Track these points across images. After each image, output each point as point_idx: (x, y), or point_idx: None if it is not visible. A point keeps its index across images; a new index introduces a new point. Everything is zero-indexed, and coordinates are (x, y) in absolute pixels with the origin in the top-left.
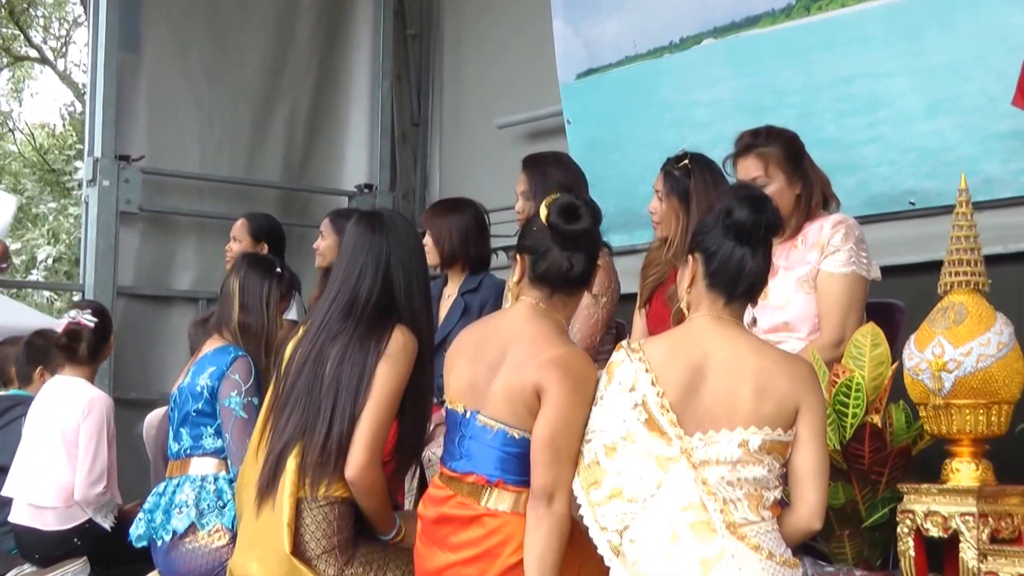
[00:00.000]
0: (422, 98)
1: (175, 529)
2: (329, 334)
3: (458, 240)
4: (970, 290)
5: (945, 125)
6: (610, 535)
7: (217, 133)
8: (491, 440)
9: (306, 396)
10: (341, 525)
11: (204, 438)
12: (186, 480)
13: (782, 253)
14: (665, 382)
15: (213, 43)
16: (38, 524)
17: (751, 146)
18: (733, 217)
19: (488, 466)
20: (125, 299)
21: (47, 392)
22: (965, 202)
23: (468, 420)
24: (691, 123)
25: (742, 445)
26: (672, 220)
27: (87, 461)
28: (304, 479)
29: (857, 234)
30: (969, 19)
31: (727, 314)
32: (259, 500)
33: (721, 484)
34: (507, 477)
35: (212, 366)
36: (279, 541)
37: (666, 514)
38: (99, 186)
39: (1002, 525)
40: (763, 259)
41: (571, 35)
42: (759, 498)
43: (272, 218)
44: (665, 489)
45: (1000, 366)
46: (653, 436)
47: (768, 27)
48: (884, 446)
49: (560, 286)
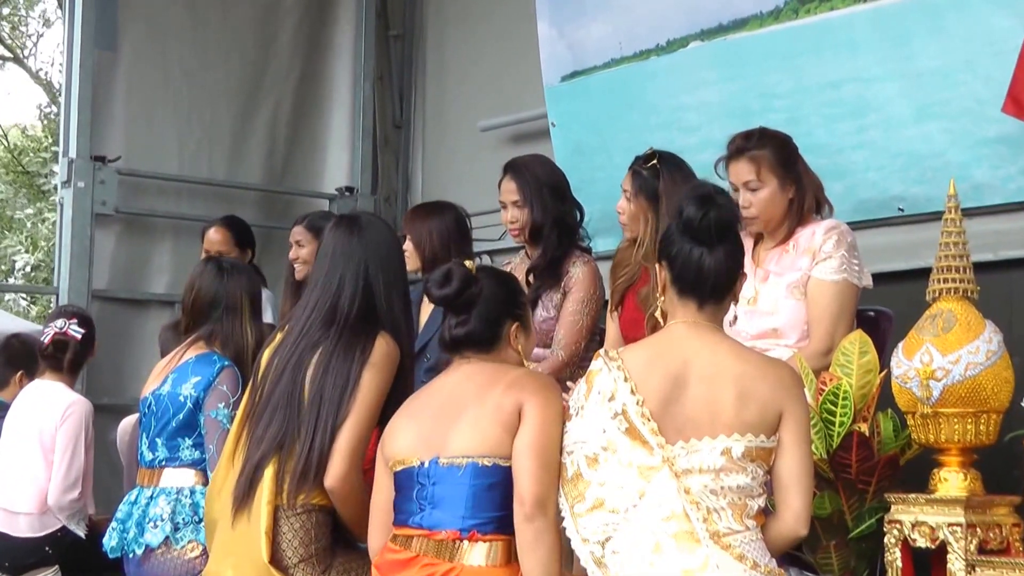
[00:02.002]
0: (404, 100)
1: (148, 544)
2: (309, 341)
3: (439, 244)
4: (959, 297)
5: (934, 130)
6: (592, 546)
7: (196, 134)
8: (460, 478)
9: (286, 406)
10: (318, 533)
11: (182, 449)
12: (161, 493)
13: (773, 258)
14: (645, 391)
15: (192, 42)
16: (10, 530)
17: (743, 149)
18: (683, 216)
19: (457, 514)
20: (100, 302)
21: (26, 396)
22: (954, 208)
23: (428, 469)
24: (678, 126)
25: (725, 453)
26: (640, 220)
27: (63, 467)
28: (282, 488)
29: (849, 240)
30: (958, 23)
31: (703, 319)
32: (235, 509)
33: (704, 493)
34: (480, 524)
35: (197, 376)
36: (256, 550)
37: (649, 524)
38: (74, 187)
39: (990, 536)
40: (723, 256)
41: (556, 37)
42: (743, 507)
43: (243, 220)
44: (647, 499)
45: (989, 375)
46: (635, 445)
47: (756, 30)
48: (872, 455)
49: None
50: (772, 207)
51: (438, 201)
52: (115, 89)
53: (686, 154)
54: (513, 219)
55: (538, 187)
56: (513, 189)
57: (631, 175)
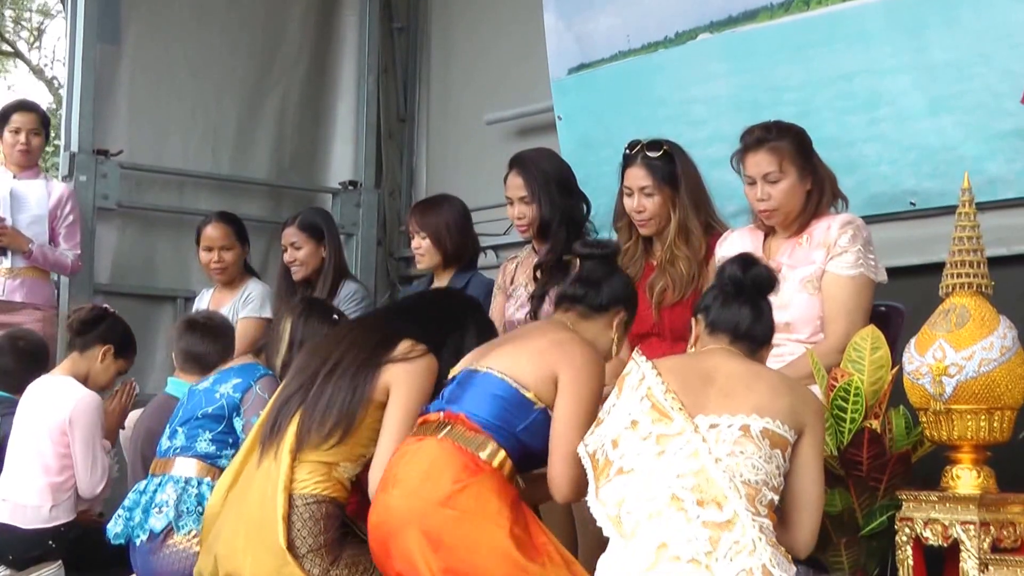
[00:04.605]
0: (409, 93)
1: (152, 529)
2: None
3: (458, 235)
4: (972, 292)
5: (947, 123)
6: (609, 508)
7: (199, 128)
8: (482, 380)
9: (310, 376)
10: (328, 525)
11: (199, 440)
12: (169, 480)
13: (786, 251)
14: (672, 380)
15: (196, 36)
16: (17, 521)
17: (763, 140)
18: (725, 274)
19: (467, 406)
20: (102, 297)
21: (35, 390)
22: (968, 202)
23: (460, 375)
24: (686, 120)
25: (743, 428)
26: (666, 211)
27: (88, 459)
28: (306, 436)
29: (865, 235)
30: (972, 15)
31: (735, 348)
32: (261, 452)
33: (722, 457)
34: (478, 417)
35: (238, 378)
36: (272, 535)
37: (665, 479)
38: (76, 181)
39: (1004, 534)
40: (759, 312)
41: (563, 29)
42: (757, 491)
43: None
44: (665, 458)
45: (1003, 371)
46: (657, 419)
47: (766, 22)
48: (883, 452)
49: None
50: (792, 199)
51: (440, 195)
52: (118, 83)
53: (694, 148)
54: (521, 215)
55: (545, 182)
56: (520, 185)
57: (647, 170)
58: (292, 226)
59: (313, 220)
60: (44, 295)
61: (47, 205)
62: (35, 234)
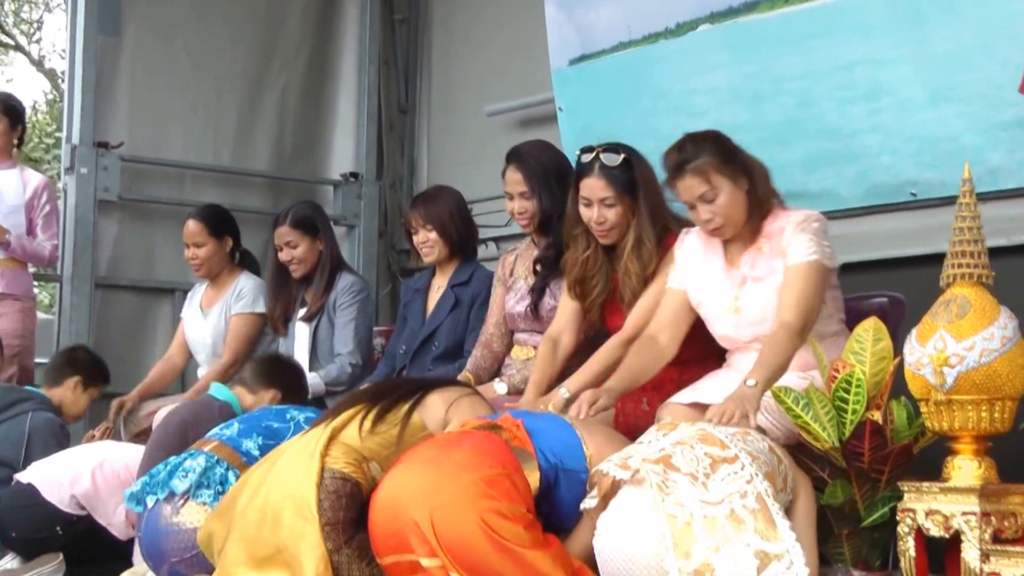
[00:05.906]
0: (410, 85)
1: (173, 488)
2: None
3: (463, 224)
4: (973, 283)
5: (948, 114)
6: (614, 458)
7: (200, 120)
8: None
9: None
10: (349, 503)
11: (247, 440)
12: (201, 454)
13: (747, 261)
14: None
15: (197, 28)
16: (41, 487)
17: (683, 163)
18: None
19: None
20: (103, 289)
21: None
22: (968, 192)
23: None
24: (687, 111)
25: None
26: (626, 220)
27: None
28: (350, 424)
29: (816, 226)
30: (973, 5)
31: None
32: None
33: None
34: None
35: (314, 414)
36: (309, 495)
37: (674, 435)
38: (77, 174)
39: (1005, 524)
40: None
41: (564, 20)
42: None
43: (219, 207)
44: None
45: (1004, 361)
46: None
47: (767, 12)
48: (885, 443)
49: None
50: (734, 208)
51: (435, 186)
52: (119, 75)
53: None
54: (521, 210)
55: (544, 176)
56: (519, 180)
57: (606, 180)
58: (284, 225)
59: (305, 215)
60: (23, 286)
61: (24, 196)
62: (12, 225)
